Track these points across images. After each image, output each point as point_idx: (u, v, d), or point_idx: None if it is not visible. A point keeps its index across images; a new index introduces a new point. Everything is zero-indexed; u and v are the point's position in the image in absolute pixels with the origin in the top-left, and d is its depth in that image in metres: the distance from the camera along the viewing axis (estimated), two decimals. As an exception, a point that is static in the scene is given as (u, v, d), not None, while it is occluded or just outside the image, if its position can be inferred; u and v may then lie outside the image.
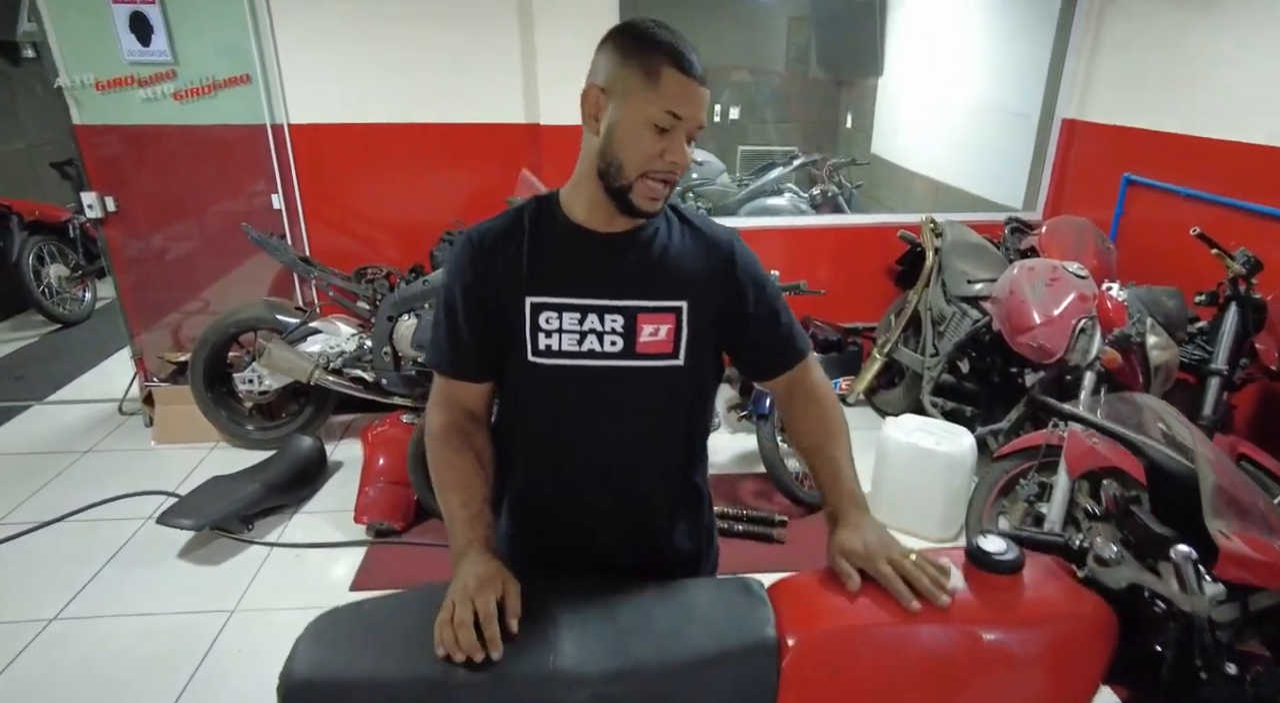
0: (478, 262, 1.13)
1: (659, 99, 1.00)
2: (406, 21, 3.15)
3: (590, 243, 1.13)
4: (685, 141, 1.03)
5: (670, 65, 1.00)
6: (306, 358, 3.05)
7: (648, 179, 1.03)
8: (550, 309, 1.11)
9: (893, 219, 3.77)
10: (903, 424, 2.72)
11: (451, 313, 1.15)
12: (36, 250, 4.47)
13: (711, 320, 1.18)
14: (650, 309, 1.13)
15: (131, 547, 2.65)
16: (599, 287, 1.12)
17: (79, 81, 3.12)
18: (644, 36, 1.02)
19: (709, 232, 1.20)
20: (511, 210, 1.18)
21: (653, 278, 1.13)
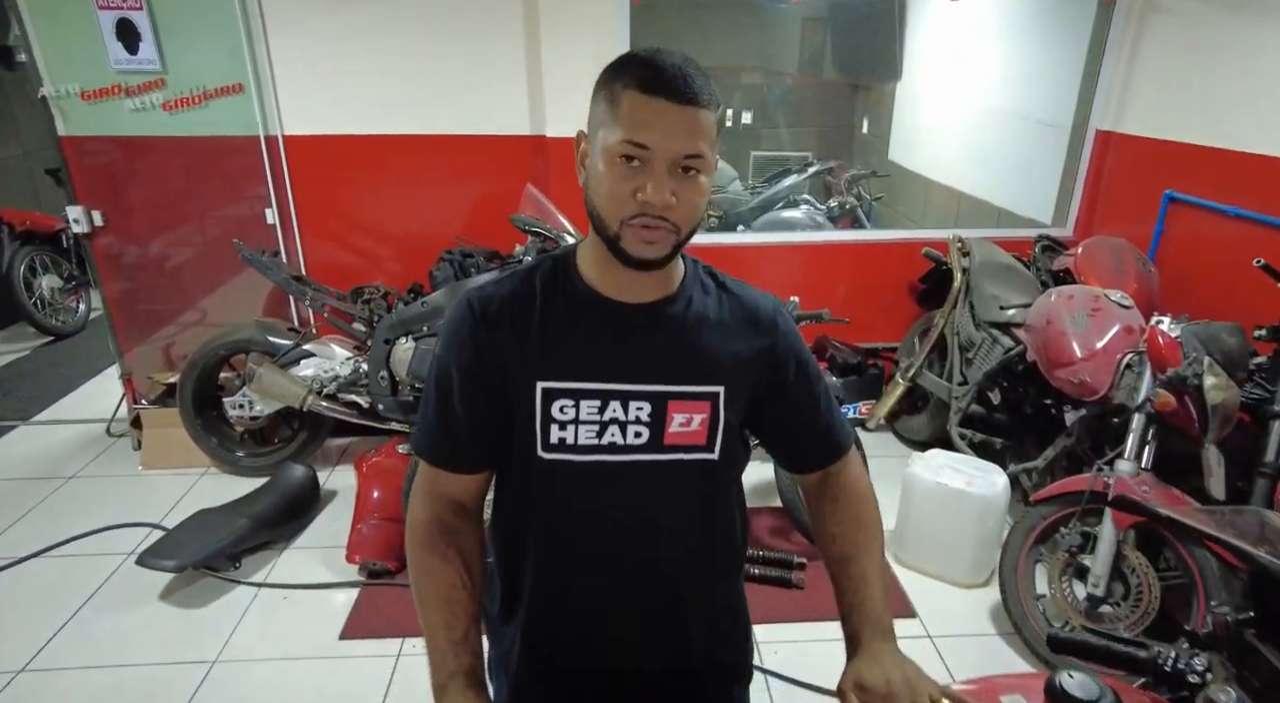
0: (479, 335, 0.96)
1: (619, 127, 0.84)
2: (406, 29, 2.99)
3: (613, 315, 0.97)
4: (665, 175, 0.84)
5: (634, 87, 0.83)
6: (299, 383, 2.90)
7: (628, 226, 0.87)
8: (566, 396, 0.95)
9: (916, 235, 3.59)
10: (930, 461, 2.55)
11: (444, 393, 0.98)
12: (29, 261, 4.34)
13: (746, 405, 1.02)
14: (683, 395, 0.98)
15: (111, 586, 2.51)
16: (623, 369, 0.96)
17: (64, 91, 2.98)
18: (619, 62, 0.87)
19: (750, 302, 1.04)
20: (520, 272, 1.01)
21: (686, 358, 0.98)
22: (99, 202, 3.15)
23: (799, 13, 6.12)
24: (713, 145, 0.87)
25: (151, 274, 3.30)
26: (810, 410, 1.06)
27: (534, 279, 0.99)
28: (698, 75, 0.84)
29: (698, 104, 0.83)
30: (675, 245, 0.90)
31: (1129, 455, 2.07)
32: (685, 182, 0.85)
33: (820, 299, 3.47)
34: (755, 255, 3.53)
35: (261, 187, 3.17)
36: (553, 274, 1.00)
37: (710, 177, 0.90)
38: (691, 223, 0.89)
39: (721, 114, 0.89)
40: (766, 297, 1.07)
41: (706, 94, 0.84)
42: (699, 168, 0.86)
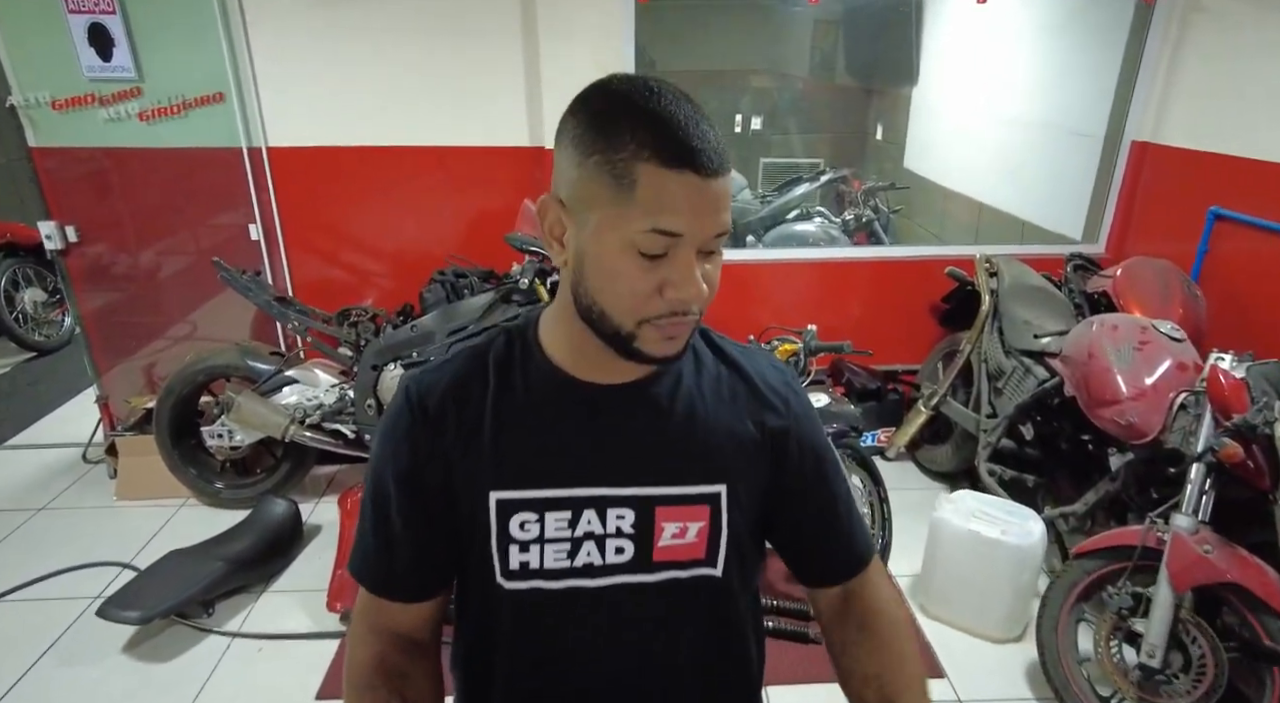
0: (418, 435, 0.78)
1: (638, 213, 0.66)
2: (398, 35, 2.81)
3: (584, 401, 0.79)
4: (695, 260, 0.69)
5: (653, 159, 0.65)
6: (280, 412, 2.72)
7: (653, 324, 0.71)
8: (527, 508, 0.77)
9: (939, 252, 3.39)
10: (960, 504, 2.34)
11: (380, 506, 0.80)
12: (10, 274, 4.18)
13: (756, 503, 0.84)
14: (674, 498, 0.79)
15: (74, 634, 2.32)
16: (599, 468, 0.78)
17: (34, 100, 2.81)
18: (610, 112, 0.67)
19: (757, 373, 0.85)
20: (470, 350, 0.82)
21: (676, 450, 0.80)
22: (73, 216, 2.98)
23: (810, 15, 5.93)
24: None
25: (130, 292, 3.13)
26: (828, 512, 0.87)
27: (486, 359, 0.81)
28: (713, 130, 0.67)
29: (725, 171, 0.67)
30: (695, 330, 0.76)
31: (1186, 509, 1.86)
32: (707, 261, 0.71)
33: (835, 319, 3.29)
34: (765, 273, 3.33)
35: (245, 201, 2.99)
36: (509, 352, 0.81)
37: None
38: (709, 304, 0.73)
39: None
40: (776, 366, 0.89)
41: (727, 156, 0.68)
42: (723, 242, 0.71)
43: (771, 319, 3.31)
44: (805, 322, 3.20)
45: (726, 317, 3.27)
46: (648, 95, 0.67)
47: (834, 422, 2.58)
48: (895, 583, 2.54)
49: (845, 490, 0.90)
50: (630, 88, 0.68)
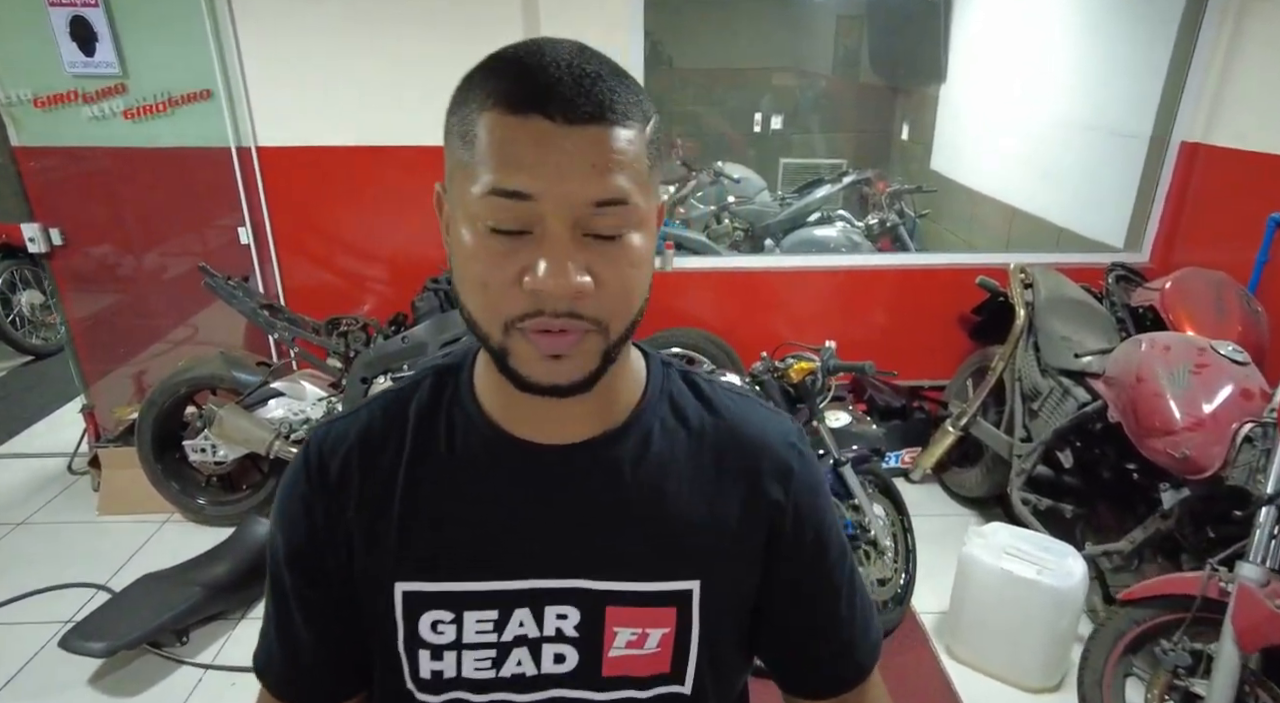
0: (314, 505, 0.64)
1: (479, 170, 0.51)
2: (393, 30, 2.65)
3: (522, 466, 0.62)
4: (567, 242, 0.51)
5: (495, 103, 0.51)
6: (265, 426, 2.57)
7: (520, 332, 0.54)
8: (440, 605, 0.62)
9: (969, 260, 3.18)
10: (992, 539, 2.13)
11: (278, 590, 0.66)
12: (8, 276, 4.09)
13: (741, 606, 0.66)
14: (630, 597, 0.63)
15: (39, 663, 2.19)
16: (533, 554, 0.62)
17: (15, 97, 2.69)
18: (475, 69, 0.55)
19: (753, 432, 0.67)
20: (389, 396, 0.66)
21: (637, 533, 0.63)
22: (58, 218, 2.86)
23: (833, 11, 5.74)
24: (645, 184, 0.54)
25: (118, 297, 3.01)
26: (825, 610, 0.70)
27: (407, 409, 0.65)
28: (605, 74, 0.52)
29: (606, 119, 0.51)
30: (603, 355, 0.56)
31: (1254, 557, 1.64)
32: (605, 250, 0.53)
33: (856, 331, 3.09)
34: (782, 281, 3.14)
35: (234, 203, 2.85)
36: (434, 398, 0.65)
37: (651, 233, 0.57)
38: (628, 314, 0.56)
39: (658, 134, 0.56)
40: (780, 424, 0.70)
41: (622, 101, 0.52)
42: (625, 222, 0.53)
43: (788, 332, 3.13)
44: (824, 334, 2.99)
45: (739, 329, 3.08)
46: (521, 47, 0.53)
47: (855, 443, 2.39)
48: (922, 621, 2.34)
49: (851, 582, 0.72)
50: (512, 46, 0.54)
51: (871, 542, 2.26)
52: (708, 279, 3.12)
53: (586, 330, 0.54)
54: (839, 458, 2.21)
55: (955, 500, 2.99)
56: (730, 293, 3.13)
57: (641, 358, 0.68)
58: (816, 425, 2.20)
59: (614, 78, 0.52)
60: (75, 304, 2.99)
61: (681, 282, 3.09)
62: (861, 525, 2.23)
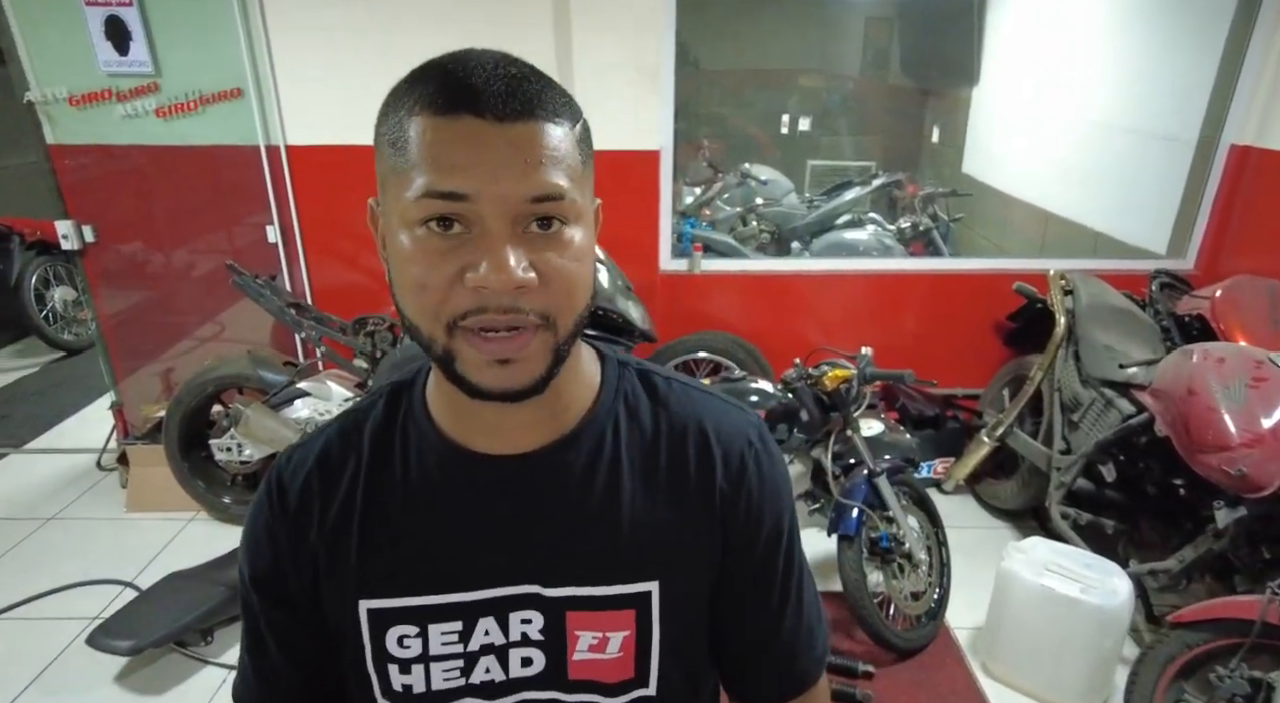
0: (278, 531, 0.65)
1: (413, 174, 0.52)
2: (423, 30, 2.63)
3: (476, 477, 0.63)
4: (507, 237, 0.52)
5: (425, 108, 0.52)
6: (290, 426, 2.56)
7: (465, 334, 0.54)
8: (406, 619, 0.63)
9: (1006, 266, 3.11)
10: (1031, 554, 2.06)
11: (250, 618, 0.68)
12: (41, 273, 4.14)
13: (701, 601, 0.69)
14: (587, 601, 0.64)
15: (65, 660, 2.19)
16: (493, 564, 0.63)
17: (51, 95, 2.71)
18: (402, 81, 0.55)
19: (708, 425, 0.67)
20: (347, 415, 0.68)
21: (592, 538, 0.64)
22: (91, 216, 2.88)
23: (862, 12, 5.67)
24: (580, 180, 0.55)
25: (147, 295, 3.03)
26: (771, 615, 0.70)
27: (363, 428, 0.66)
28: (530, 76, 0.53)
29: (536, 116, 0.52)
30: (554, 354, 0.56)
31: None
32: (545, 245, 0.53)
33: (888, 337, 3.03)
34: (811, 285, 3.08)
35: (262, 202, 2.85)
36: (387, 416, 0.66)
37: (589, 231, 0.58)
38: (573, 309, 0.56)
39: (584, 134, 0.57)
40: (738, 415, 0.69)
41: (550, 100, 0.53)
42: (561, 216, 0.54)
43: (818, 337, 3.07)
44: (855, 339, 2.93)
45: (768, 334, 3.03)
46: (447, 56, 0.54)
47: (887, 452, 2.34)
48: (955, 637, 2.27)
49: (799, 591, 0.71)
50: (438, 57, 0.54)
51: (906, 555, 2.20)
52: (736, 283, 3.08)
53: (534, 326, 0.54)
54: (874, 468, 2.15)
55: (989, 512, 2.92)
56: (759, 297, 3.08)
57: (596, 358, 0.68)
58: (851, 434, 2.15)
59: (539, 80, 0.53)
60: (105, 301, 3.01)
61: (709, 285, 3.05)
62: (896, 538, 2.17)
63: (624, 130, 2.73)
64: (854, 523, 2.10)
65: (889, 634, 2.13)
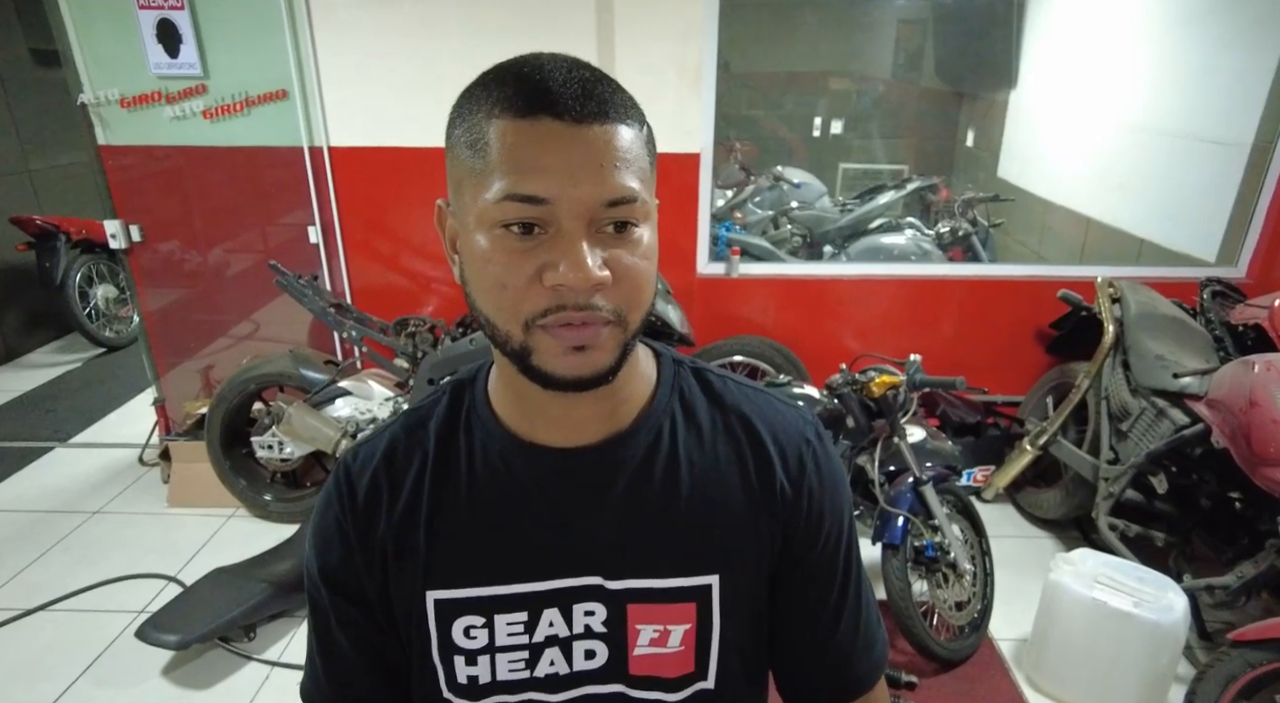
0: (347, 526, 0.66)
1: (493, 177, 0.53)
2: (466, 33, 2.64)
3: (538, 471, 0.64)
4: (583, 238, 0.53)
5: (504, 111, 0.53)
6: (332, 425, 2.59)
7: (542, 329, 0.55)
8: (472, 610, 0.64)
9: (1048, 272, 3.06)
10: (1081, 566, 2.03)
11: (319, 614, 0.69)
12: (85, 270, 4.22)
13: (762, 595, 0.69)
14: (649, 594, 0.65)
15: (113, 653, 2.22)
16: (557, 555, 0.64)
17: (103, 97, 2.76)
18: (473, 84, 0.57)
19: (767, 423, 0.68)
20: (410, 414, 0.69)
21: (653, 531, 0.65)
22: (138, 215, 2.93)
23: (895, 15, 5.62)
24: (648, 181, 0.57)
25: (190, 293, 3.07)
26: (828, 613, 0.70)
27: (428, 425, 0.67)
28: (602, 78, 0.55)
29: (611, 117, 0.53)
30: (623, 346, 0.58)
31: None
32: (617, 244, 0.55)
33: (925, 342, 3.00)
34: (850, 290, 3.05)
35: (304, 202, 2.89)
36: (452, 413, 0.67)
37: (655, 229, 0.59)
38: (642, 305, 0.58)
39: (650, 136, 0.58)
40: (796, 416, 0.70)
41: (622, 101, 0.55)
42: (633, 218, 0.55)
43: (855, 342, 3.05)
44: (893, 344, 2.91)
45: (805, 338, 3.01)
46: (518, 60, 0.55)
47: (930, 460, 2.31)
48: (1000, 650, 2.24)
49: (860, 591, 0.72)
50: (507, 61, 0.56)
51: (951, 564, 2.16)
52: (772, 287, 3.06)
53: (606, 322, 0.55)
54: (919, 476, 2.13)
55: (1030, 521, 2.87)
56: (796, 301, 3.06)
57: (652, 357, 0.69)
58: (897, 442, 2.12)
59: (610, 83, 0.55)
60: (149, 299, 3.06)
61: (746, 288, 3.03)
62: (941, 547, 2.14)
63: (665, 133, 2.70)
64: (899, 532, 2.08)
65: (933, 645, 2.11)
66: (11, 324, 4.37)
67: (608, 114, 0.53)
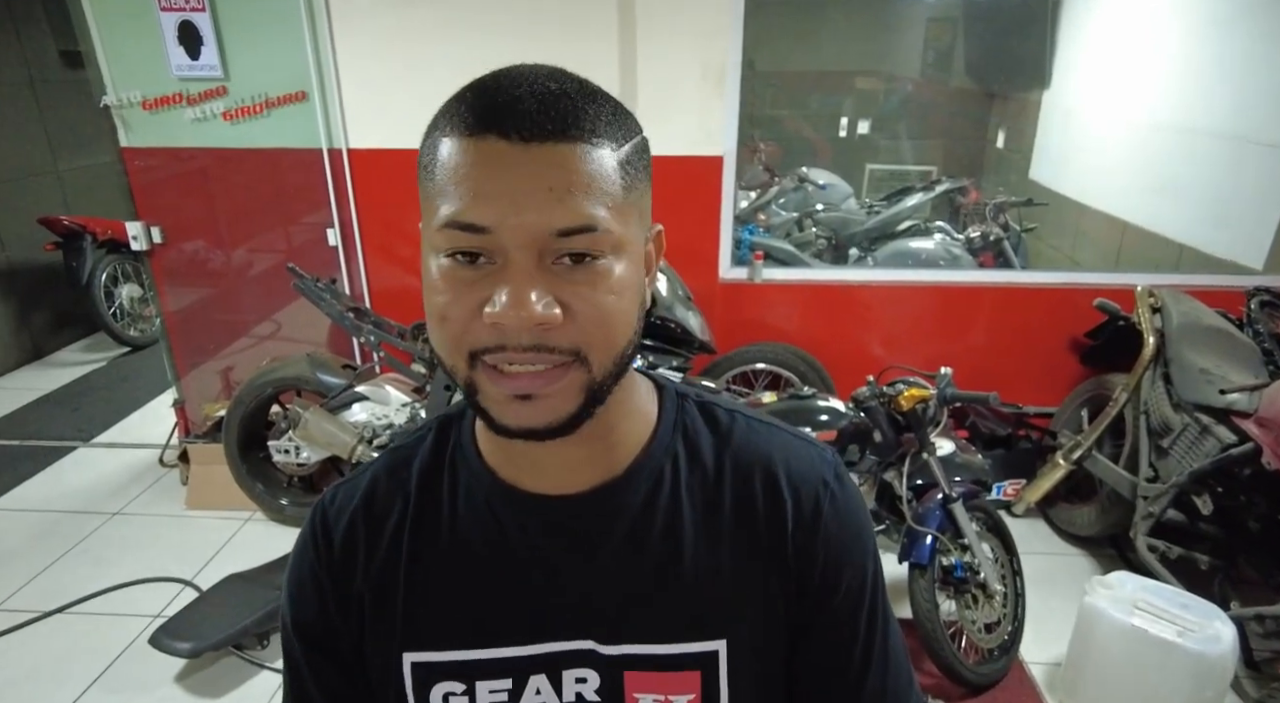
0: (322, 577, 0.60)
1: (437, 200, 0.49)
2: (485, 35, 2.60)
3: (523, 520, 0.58)
4: (530, 271, 0.47)
5: (452, 128, 0.49)
6: (349, 430, 2.56)
7: (484, 366, 0.50)
8: (451, 676, 0.58)
9: (1084, 280, 2.95)
10: (1119, 591, 1.93)
11: (293, 667, 0.63)
12: (110, 270, 4.25)
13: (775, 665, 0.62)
14: (649, 661, 0.58)
15: (127, 659, 2.21)
16: (546, 616, 0.58)
17: (126, 99, 2.76)
18: (448, 100, 0.52)
19: (769, 464, 0.61)
20: (392, 454, 0.63)
21: (651, 590, 0.58)
22: (159, 217, 2.93)
23: (923, 14, 5.51)
24: (621, 206, 0.50)
25: (210, 295, 3.07)
26: (851, 677, 0.62)
27: (411, 464, 0.62)
28: (572, 92, 0.48)
29: (568, 136, 0.47)
30: (588, 392, 0.51)
31: None
32: (576, 277, 0.49)
33: (955, 351, 2.91)
34: (878, 295, 2.97)
35: (323, 204, 2.87)
36: (436, 453, 0.62)
37: (635, 261, 0.52)
38: (609, 345, 0.51)
39: (633, 155, 0.51)
40: (811, 452, 0.62)
41: (589, 118, 0.48)
42: (595, 249, 0.49)
43: (882, 349, 2.97)
44: (921, 352, 2.83)
45: (830, 345, 2.93)
46: (493, 72, 0.50)
47: (959, 474, 2.23)
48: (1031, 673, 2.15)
49: (887, 653, 0.63)
50: (487, 73, 0.51)
51: (981, 585, 2.08)
52: (797, 292, 2.99)
53: (562, 363, 0.49)
54: (949, 493, 2.05)
55: (1062, 538, 2.77)
56: (821, 307, 2.98)
57: (653, 390, 0.63)
58: (926, 458, 2.05)
59: (583, 96, 0.49)
60: (170, 300, 3.06)
61: (769, 294, 2.96)
62: (971, 567, 2.05)
63: (688, 136, 2.66)
64: (927, 551, 2.00)
65: (961, 668, 2.02)
66: (39, 323, 4.42)
67: (565, 132, 0.47)
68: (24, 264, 4.29)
